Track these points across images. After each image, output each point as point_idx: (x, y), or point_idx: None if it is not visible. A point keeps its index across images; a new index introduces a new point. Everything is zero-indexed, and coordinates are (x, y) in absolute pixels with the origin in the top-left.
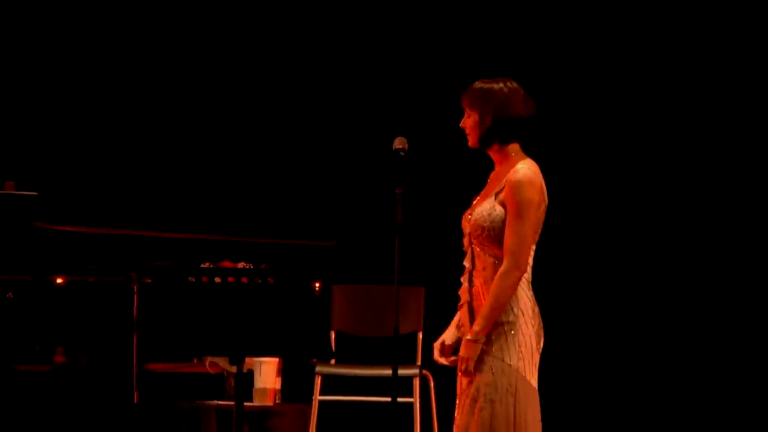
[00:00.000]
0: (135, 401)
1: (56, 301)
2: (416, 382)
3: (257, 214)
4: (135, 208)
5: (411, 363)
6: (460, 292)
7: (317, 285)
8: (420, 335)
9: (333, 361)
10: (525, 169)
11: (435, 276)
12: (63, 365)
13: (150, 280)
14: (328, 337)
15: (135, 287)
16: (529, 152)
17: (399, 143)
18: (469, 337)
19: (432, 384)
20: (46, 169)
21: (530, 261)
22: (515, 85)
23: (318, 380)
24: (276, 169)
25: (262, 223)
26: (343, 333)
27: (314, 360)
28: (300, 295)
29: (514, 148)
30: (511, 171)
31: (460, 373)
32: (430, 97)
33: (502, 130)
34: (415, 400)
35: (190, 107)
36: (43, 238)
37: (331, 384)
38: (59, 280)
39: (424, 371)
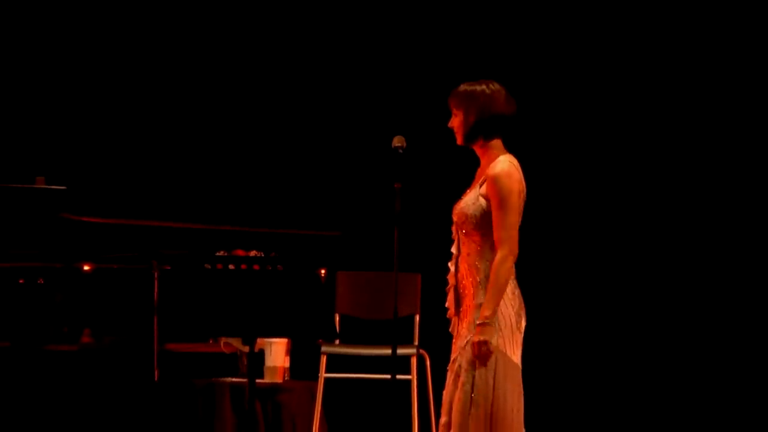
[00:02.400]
0: (155, 378)
1: (83, 287)
2: (414, 361)
3: (268, 206)
4: (155, 201)
5: (409, 343)
6: (448, 277)
7: (323, 271)
8: (417, 317)
9: (337, 342)
10: (503, 162)
11: (431, 263)
12: (89, 345)
13: (169, 267)
14: (333, 319)
15: (155, 274)
16: (514, 147)
17: (398, 141)
18: (479, 322)
19: (428, 362)
20: (74, 165)
21: None
22: (497, 86)
23: (323, 359)
24: (286, 166)
25: (273, 214)
26: (347, 315)
27: (320, 340)
28: (307, 281)
29: (497, 144)
30: (491, 165)
31: (454, 349)
32: (427, 99)
33: (485, 128)
34: (413, 377)
35: (207, 108)
36: (71, 229)
37: (336, 362)
38: (86, 268)
39: (421, 351)
